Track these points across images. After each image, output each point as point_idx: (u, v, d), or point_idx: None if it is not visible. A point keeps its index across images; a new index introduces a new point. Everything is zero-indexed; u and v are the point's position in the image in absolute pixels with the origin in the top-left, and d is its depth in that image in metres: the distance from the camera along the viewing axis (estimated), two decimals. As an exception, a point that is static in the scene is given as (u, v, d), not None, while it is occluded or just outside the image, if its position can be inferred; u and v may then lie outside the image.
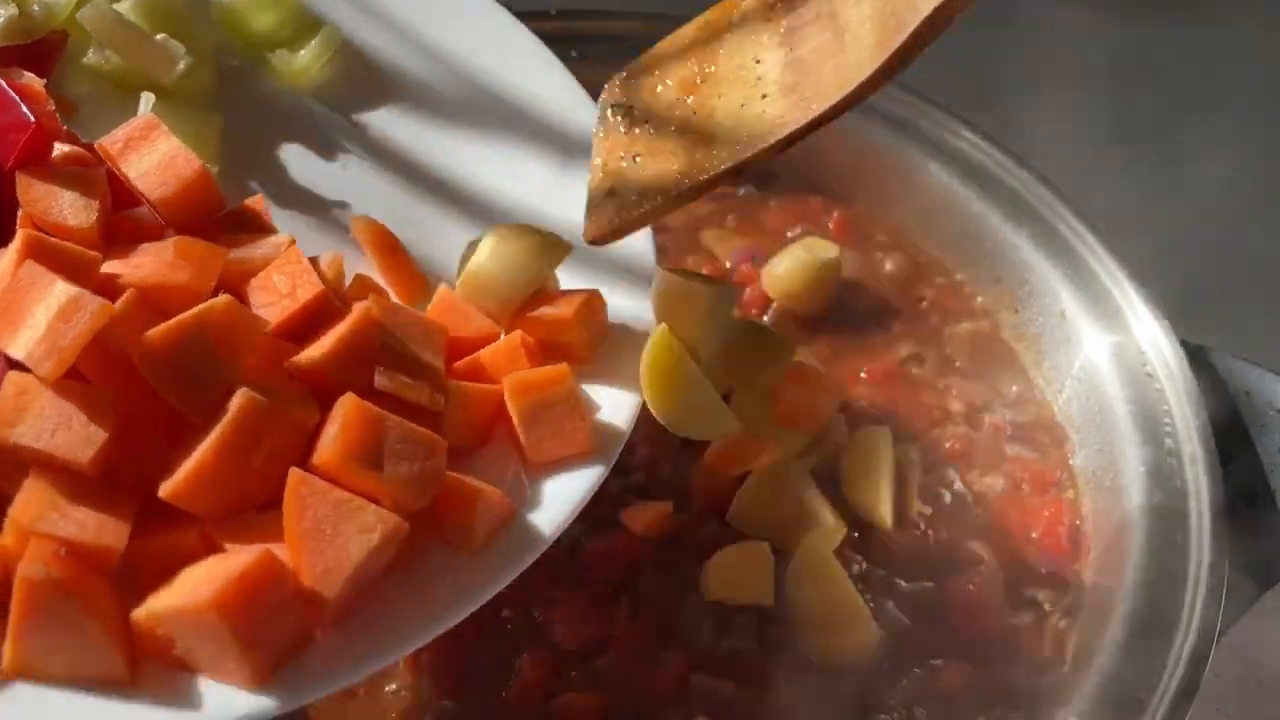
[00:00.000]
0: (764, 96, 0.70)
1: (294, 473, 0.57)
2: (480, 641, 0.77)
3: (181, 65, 0.80)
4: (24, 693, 0.55)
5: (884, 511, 0.82)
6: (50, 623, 0.54)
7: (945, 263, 1.01)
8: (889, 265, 1.00)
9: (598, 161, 0.76)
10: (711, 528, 0.81)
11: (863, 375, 0.93)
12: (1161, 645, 0.76)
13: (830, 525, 0.80)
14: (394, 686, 0.76)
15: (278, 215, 0.77)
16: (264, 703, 0.55)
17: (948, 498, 0.87)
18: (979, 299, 0.99)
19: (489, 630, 0.77)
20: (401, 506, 0.59)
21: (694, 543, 0.81)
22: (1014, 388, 0.94)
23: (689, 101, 0.74)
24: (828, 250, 0.96)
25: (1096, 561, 0.83)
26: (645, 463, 0.84)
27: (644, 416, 0.71)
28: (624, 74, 0.79)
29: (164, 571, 0.57)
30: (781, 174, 1.05)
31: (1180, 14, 1.34)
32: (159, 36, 0.80)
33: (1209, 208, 1.17)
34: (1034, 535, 0.85)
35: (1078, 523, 0.86)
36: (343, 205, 0.81)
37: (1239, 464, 0.87)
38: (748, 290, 0.97)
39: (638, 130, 0.75)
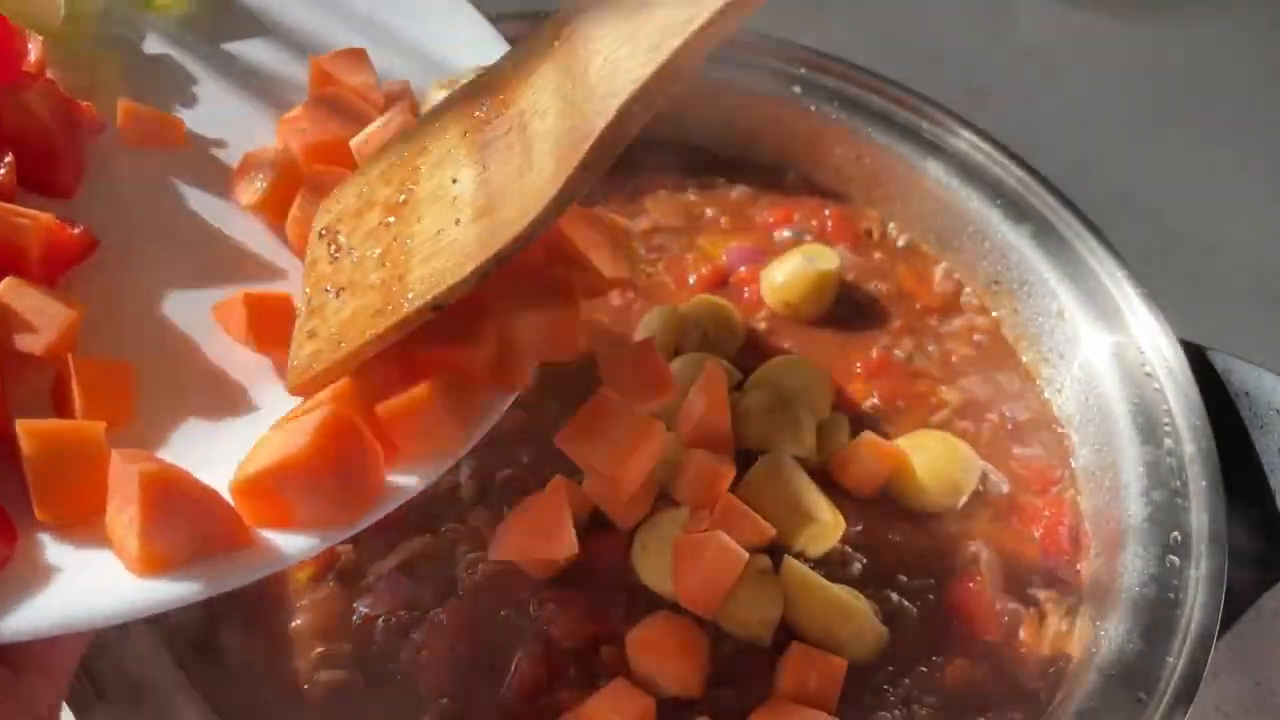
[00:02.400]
0: (457, 222, 0.63)
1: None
2: (478, 640, 0.77)
3: (63, 6, 0.79)
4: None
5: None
6: (172, 511, 0.56)
7: (945, 262, 1.01)
8: (888, 265, 1.00)
9: (305, 295, 0.68)
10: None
11: (860, 374, 0.93)
12: (1161, 645, 0.76)
13: (828, 523, 0.80)
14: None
15: (202, 126, 0.78)
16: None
17: (947, 497, 0.87)
18: (978, 299, 0.99)
19: (487, 628, 0.77)
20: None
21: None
22: (1014, 387, 0.94)
23: (391, 226, 0.66)
24: (828, 259, 0.96)
25: (1096, 561, 0.83)
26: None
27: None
28: (332, 195, 0.71)
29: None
30: (780, 173, 1.05)
31: (1180, 13, 1.34)
32: None
33: (1209, 208, 1.17)
34: (1035, 534, 0.85)
35: (1078, 522, 0.86)
36: (259, 102, 0.81)
37: (1239, 464, 0.86)
38: (745, 292, 0.97)
39: (342, 260, 0.67)
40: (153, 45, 0.82)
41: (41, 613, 0.54)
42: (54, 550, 0.57)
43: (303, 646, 0.77)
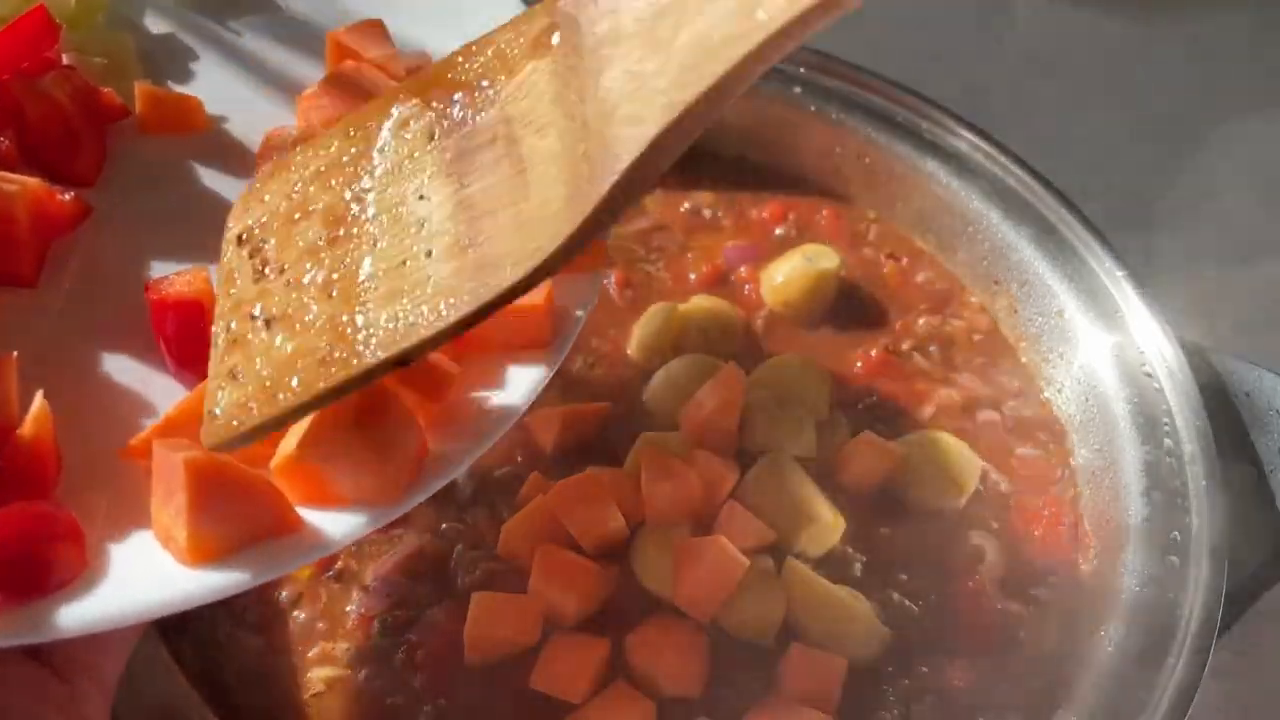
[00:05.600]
0: (429, 254, 0.51)
1: None
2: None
3: None
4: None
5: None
6: (219, 498, 0.55)
7: (944, 262, 1.01)
8: (887, 264, 1.00)
9: (221, 316, 0.56)
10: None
11: (860, 374, 0.93)
12: (1161, 645, 0.76)
13: (829, 523, 0.80)
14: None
15: (221, 108, 0.77)
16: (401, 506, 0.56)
17: (947, 497, 0.87)
18: (978, 298, 0.99)
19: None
20: None
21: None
22: (1014, 387, 0.94)
23: (337, 244, 0.54)
24: (828, 259, 0.96)
25: (1096, 560, 0.83)
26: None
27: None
28: (251, 186, 0.60)
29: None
30: (779, 172, 1.04)
31: (1181, 13, 1.34)
32: None
33: (1209, 207, 1.17)
34: (1035, 533, 0.85)
35: (1078, 522, 0.86)
36: (276, 81, 0.80)
37: (1239, 464, 0.86)
38: (745, 291, 0.97)
39: (271, 280, 0.55)
40: (165, 26, 0.82)
41: (94, 607, 0.53)
42: (101, 544, 0.57)
43: (302, 645, 0.77)
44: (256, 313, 0.55)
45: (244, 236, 0.57)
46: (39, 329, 0.65)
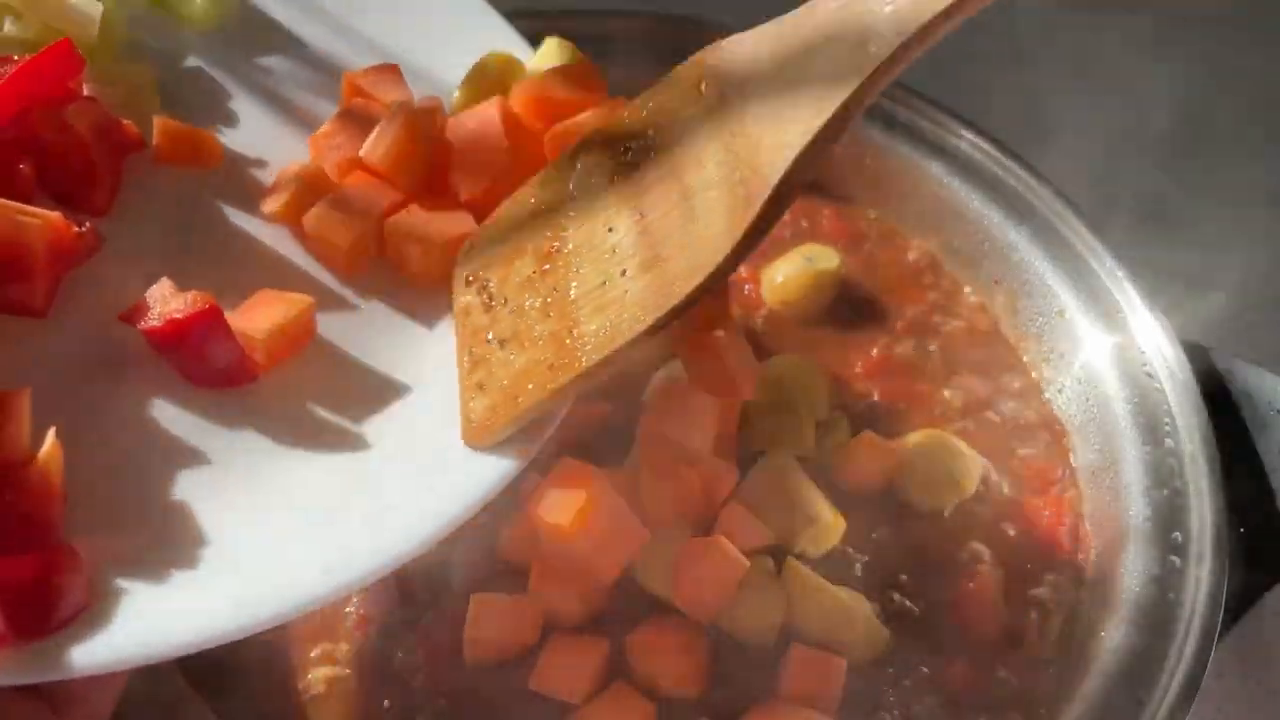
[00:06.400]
0: (624, 273, 0.63)
1: None
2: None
3: (98, 22, 0.78)
4: None
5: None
6: None
7: (944, 262, 1.01)
8: (888, 264, 1.00)
9: (462, 345, 0.68)
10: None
11: (860, 374, 0.93)
12: (1161, 645, 0.76)
13: (829, 523, 0.80)
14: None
15: (235, 143, 0.78)
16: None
17: (948, 496, 0.87)
18: (978, 298, 0.99)
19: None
20: None
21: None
22: (1014, 387, 0.94)
23: (547, 275, 0.66)
24: (828, 259, 0.96)
25: (1097, 560, 0.83)
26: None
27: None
28: (471, 241, 0.72)
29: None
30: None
31: (1184, 14, 1.34)
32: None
33: (1209, 207, 1.17)
34: (1035, 533, 0.85)
35: (1078, 522, 0.86)
36: (292, 118, 0.81)
37: (1239, 464, 0.86)
38: (746, 289, 0.97)
39: (498, 310, 0.67)
40: (185, 59, 0.82)
41: (103, 646, 0.54)
42: (119, 579, 0.57)
43: (300, 646, 0.77)
44: (490, 337, 0.67)
45: (470, 278, 0.69)
46: (49, 361, 0.66)
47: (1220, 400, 0.88)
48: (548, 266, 0.66)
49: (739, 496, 0.80)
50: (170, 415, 0.66)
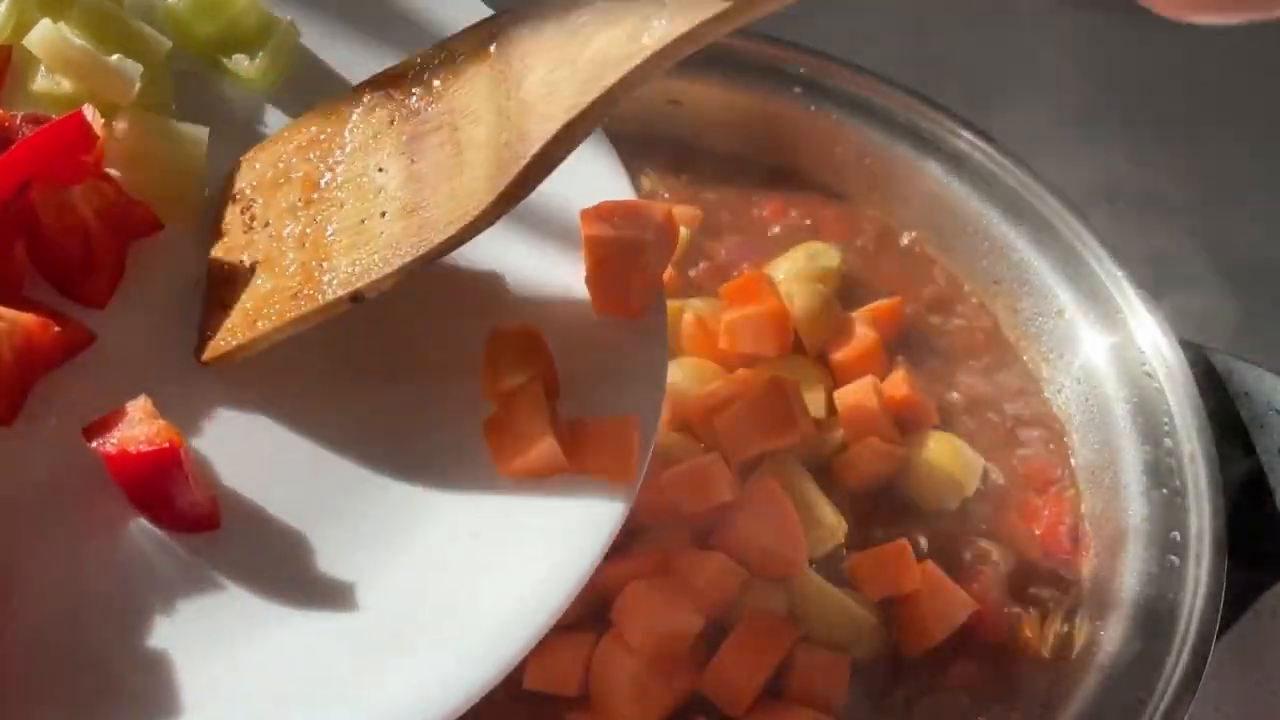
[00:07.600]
0: (384, 215, 0.63)
1: None
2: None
3: (138, 85, 0.71)
4: None
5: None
6: None
7: (944, 262, 1.01)
8: (887, 264, 1.00)
9: (215, 257, 0.67)
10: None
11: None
12: (1161, 645, 0.76)
13: (830, 524, 0.80)
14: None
15: None
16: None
17: (947, 496, 0.87)
18: (978, 298, 0.99)
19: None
20: None
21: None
22: (1014, 387, 0.94)
23: (311, 205, 0.65)
24: (829, 257, 0.96)
25: (1096, 560, 0.83)
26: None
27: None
28: (249, 156, 0.70)
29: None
30: (780, 172, 1.04)
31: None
32: (113, 57, 0.71)
33: (1209, 207, 1.17)
34: (1035, 533, 0.85)
35: (1078, 521, 0.86)
36: None
37: (1239, 464, 0.87)
38: (746, 289, 0.97)
39: (257, 233, 0.66)
40: (235, 120, 0.75)
41: None
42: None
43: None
44: (244, 259, 0.66)
45: (237, 195, 0.69)
46: (6, 477, 0.59)
47: (1220, 400, 0.88)
48: (315, 196, 0.66)
49: (740, 499, 0.80)
50: (143, 554, 0.58)
